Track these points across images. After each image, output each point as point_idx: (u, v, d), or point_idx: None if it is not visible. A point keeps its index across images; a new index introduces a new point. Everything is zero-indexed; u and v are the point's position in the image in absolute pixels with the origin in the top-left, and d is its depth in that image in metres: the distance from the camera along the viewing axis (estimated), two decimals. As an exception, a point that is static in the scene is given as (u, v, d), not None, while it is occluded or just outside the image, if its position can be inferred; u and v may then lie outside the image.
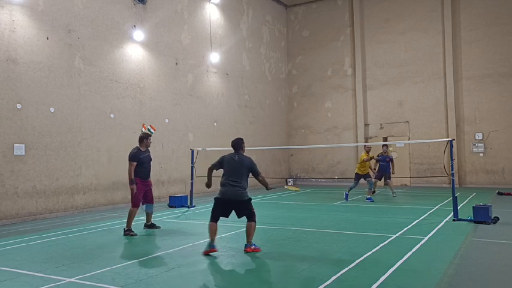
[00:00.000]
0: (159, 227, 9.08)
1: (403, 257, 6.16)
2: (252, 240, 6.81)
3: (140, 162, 8.67)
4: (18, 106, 10.53)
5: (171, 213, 11.56)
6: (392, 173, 14.88)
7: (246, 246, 6.76)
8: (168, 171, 14.88)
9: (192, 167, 13.16)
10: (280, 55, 22.23)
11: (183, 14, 15.89)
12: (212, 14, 17.40)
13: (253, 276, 5.52)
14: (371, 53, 20.56)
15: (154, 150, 14.13)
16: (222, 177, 6.95)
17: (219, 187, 6.94)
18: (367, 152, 14.07)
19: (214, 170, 7.22)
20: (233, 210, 6.91)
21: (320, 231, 8.46)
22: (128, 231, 8.38)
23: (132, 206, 8.58)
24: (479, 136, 18.20)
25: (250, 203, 6.93)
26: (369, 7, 20.71)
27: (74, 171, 11.77)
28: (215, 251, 6.57)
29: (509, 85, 17.76)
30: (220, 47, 17.74)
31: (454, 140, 10.13)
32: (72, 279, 5.38)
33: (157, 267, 5.90)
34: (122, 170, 13.17)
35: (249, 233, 6.79)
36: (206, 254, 6.55)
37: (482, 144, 18.13)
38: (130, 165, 8.57)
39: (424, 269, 5.61)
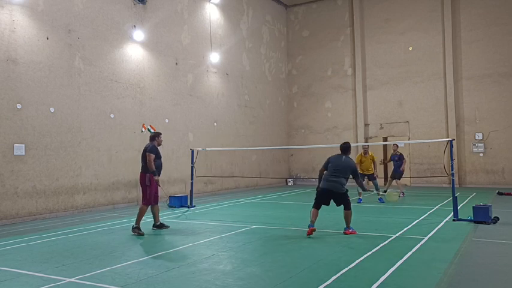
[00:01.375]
0: (168, 227, 9.06)
1: (403, 257, 6.16)
2: (349, 225, 8.20)
3: (157, 156, 8.74)
4: (18, 106, 10.53)
5: (171, 213, 11.56)
6: (401, 171, 14.51)
7: (345, 229, 8.14)
8: (168, 171, 14.86)
9: (192, 167, 13.16)
10: (280, 55, 22.23)
11: (183, 14, 15.88)
12: (212, 14, 17.40)
13: (253, 276, 5.52)
14: (371, 53, 20.56)
15: (154, 150, 14.14)
16: (326, 173, 8.24)
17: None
18: (363, 153, 13.82)
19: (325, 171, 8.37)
20: (332, 200, 8.18)
21: (320, 231, 8.45)
22: (137, 229, 8.38)
23: (144, 204, 8.57)
24: (479, 136, 18.20)
25: (347, 195, 8.22)
26: (369, 7, 20.70)
27: (74, 171, 11.77)
28: (314, 229, 7.87)
29: (509, 85, 17.76)
30: (220, 47, 17.74)
31: (454, 140, 10.13)
32: (72, 279, 5.38)
33: (157, 267, 5.90)
34: (122, 170, 13.21)
35: (347, 219, 8.19)
36: (309, 234, 7.79)
37: (482, 144, 18.13)
38: (149, 156, 8.56)
39: (424, 269, 5.61)
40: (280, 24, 22.36)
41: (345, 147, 8.47)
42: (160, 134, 9.24)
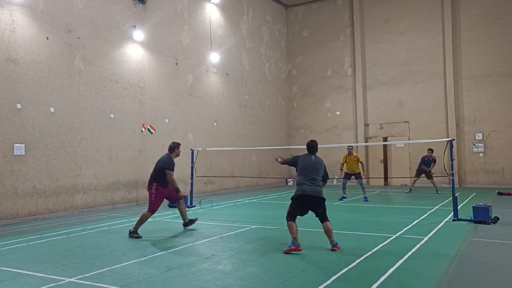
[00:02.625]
0: (196, 219, 9.06)
1: (403, 257, 6.16)
2: (334, 238, 6.92)
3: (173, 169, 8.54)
4: (18, 106, 10.53)
5: (171, 213, 11.56)
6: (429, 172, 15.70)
7: (334, 245, 6.79)
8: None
9: (192, 167, 13.17)
10: (280, 55, 22.23)
11: (183, 14, 15.88)
12: (212, 14, 17.40)
13: (253, 276, 5.52)
14: (371, 53, 20.56)
15: (154, 150, 14.15)
16: (299, 176, 7.20)
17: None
18: (348, 154, 14.23)
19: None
20: (310, 210, 7.07)
21: (320, 231, 8.44)
22: (134, 233, 8.14)
23: (149, 211, 8.33)
24: (479, 136, 18.20)
25: (324, 202, 7.14)
26: (369, 7, 20.71)
27: (74, 171, 11.77)
28: (301, 249, 6.62)
29: (509, 85, 17.76)
30: (220, 47, 17.74)
31: (454, 140, 10.13)
32: (72, 279, 5.38)
33: (157, 267, 5.89)
34: (122, 170, 13.20)
35: (331, 233, 6.89)
36: (289, 252, 6.58)
37: (482, 144, 18.13)
38: (169, 174, 8.31)
39: (424, 269, 5.61)
40: (280, 24, 22.36)
41: (312, 145, 7.61)
42: (180, 145, 9.00)
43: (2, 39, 10.30)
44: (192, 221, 8.94)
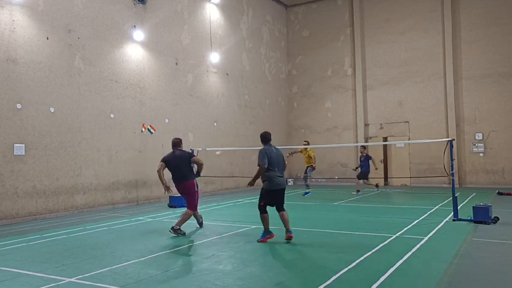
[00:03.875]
0: (201, 219, 9.17)
1: (403, 257, 6.16)
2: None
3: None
4: (18, 106, 10.53)
5: (171, 213, 11.56)
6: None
7: (290, 232, 7.35)
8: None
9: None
10: (280, 55, 22.23)
11: (183, 14, 15.88)
12: (212, 14, 17.40)
13: (253, 276, 5.52)
14: (371, 53, 20.56)
15: (154, 150, 14.16)
16: (269, 170, 7.40)
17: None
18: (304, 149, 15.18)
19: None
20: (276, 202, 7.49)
21: (320, 231, 8.46)
22: (179, 231, 8.13)
23: (192, 209, 8.57)
24: (479, 136, 18.19)
25: None
26: (369, 7, 20.70)
27: (74, 171, 11.77)
28: (273, 236, 7.30)
29: (509, 85, 17.75)
30: (220, 47, 17.74)
31: (454, 140, 10.12)
32: (72, 279, 5.38)
33: (158, 267, 5.89)
34: (122, 170, 13.21)
35: (288, 221, 7.44)
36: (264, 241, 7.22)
37: (482, 144, 18.13)
38: (199, 159, 8.94)
39: (424, 269, 5.61)
40: (280, 24, 22.36)
41: (268, 136, 7.75)
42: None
43: (2, 39, 10.30)
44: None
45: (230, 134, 18.14)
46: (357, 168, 16.46)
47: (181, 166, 8.71)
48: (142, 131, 13.92)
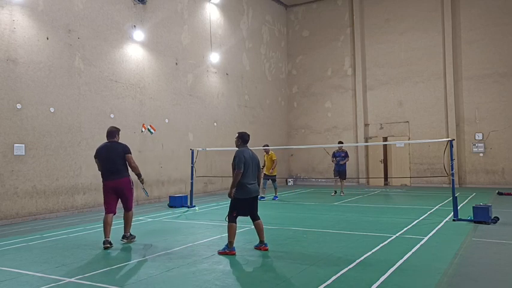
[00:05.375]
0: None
1: (403, 257, 6.16)
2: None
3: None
4: (18, 106, 10.53)
5: (171, 213, 11.56)
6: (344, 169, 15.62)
7: (265, 245, 6.82)
8: (168, 171, 14.87)
9: (192, 167, 13.15)
10: (280, 55, 22.23)
11: (183, 14, 15.88)
12: (212, 14, 17.40)
13: (253, 276, 5.52)
14: (371, 53, 20.56)
15: (154, 150, 14.16)
16: (245, 176, 6.81)
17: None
18: (265, 153, 14.99)
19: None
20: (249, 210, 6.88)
21: (320, 231, 8.46)
22: (130, 237, 7.75)
23: (131, 209, 8.00)
24: (479, 136, 18.19)
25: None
26: (369, 7, 20.70)
27: (74, 171, 11.77)
28: (234, 253, 6.54)
29: (509, 85, 17.76)
30: (220, 47, 17.73)
31: (454, 140, 10.13)
32: (72, 279, 5.38)
33: (157, 267, 5.89)
34: (122, 170, 13.18)
35: (263, 231, 6.89)
36: (222, 254, 6.54)
37: (482, 144, 18.13)
38: (131, 158, 7.75)
39: (424, 269, 5.61)
40: (280, 24, 22.36)
41: (247, 137, 7.21)
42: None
43: (2, 39, 10.30)
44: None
45: (230, 134, 18.12)
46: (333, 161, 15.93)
47: (115, 160, 7.53)
48: (142, 131, 13.92)
